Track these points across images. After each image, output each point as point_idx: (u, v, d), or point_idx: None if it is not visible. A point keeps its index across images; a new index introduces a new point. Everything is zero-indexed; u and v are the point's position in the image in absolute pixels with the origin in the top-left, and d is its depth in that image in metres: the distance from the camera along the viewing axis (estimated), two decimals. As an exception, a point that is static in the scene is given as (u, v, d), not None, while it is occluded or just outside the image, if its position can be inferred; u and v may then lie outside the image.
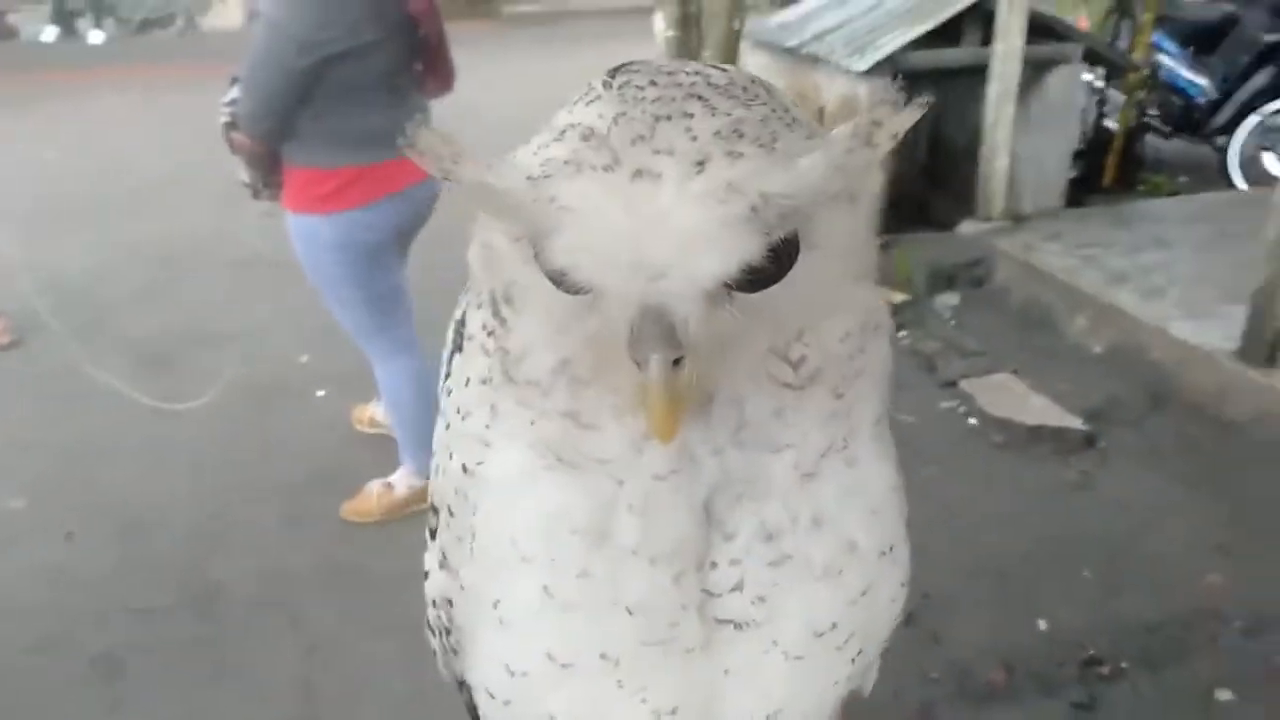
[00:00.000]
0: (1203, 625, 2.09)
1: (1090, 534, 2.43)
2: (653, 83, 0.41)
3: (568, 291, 0.41)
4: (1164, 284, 3.29)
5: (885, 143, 0.39)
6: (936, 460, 2.74)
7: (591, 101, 0.41)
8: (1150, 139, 5.25)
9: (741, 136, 0.38)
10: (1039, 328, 3.45)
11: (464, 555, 0.51)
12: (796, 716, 0.54)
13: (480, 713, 0.56)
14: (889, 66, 3.86)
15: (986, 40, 4.00)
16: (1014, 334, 3.46)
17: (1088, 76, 4.63)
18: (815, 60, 4.22)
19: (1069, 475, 2.70)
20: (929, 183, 4.54)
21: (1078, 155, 4.61)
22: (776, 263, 0.39)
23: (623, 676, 0.50)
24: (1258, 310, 2.73)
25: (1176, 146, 5.40)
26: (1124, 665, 2.00)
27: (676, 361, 0.38)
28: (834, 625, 0.50)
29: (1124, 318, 3.17)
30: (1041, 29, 3.91)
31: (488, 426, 0.49)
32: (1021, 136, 3.93)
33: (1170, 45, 5.34)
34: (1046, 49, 3.93)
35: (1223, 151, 5.15)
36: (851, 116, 0.40)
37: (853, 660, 0.52)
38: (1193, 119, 5.31)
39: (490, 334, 0.48)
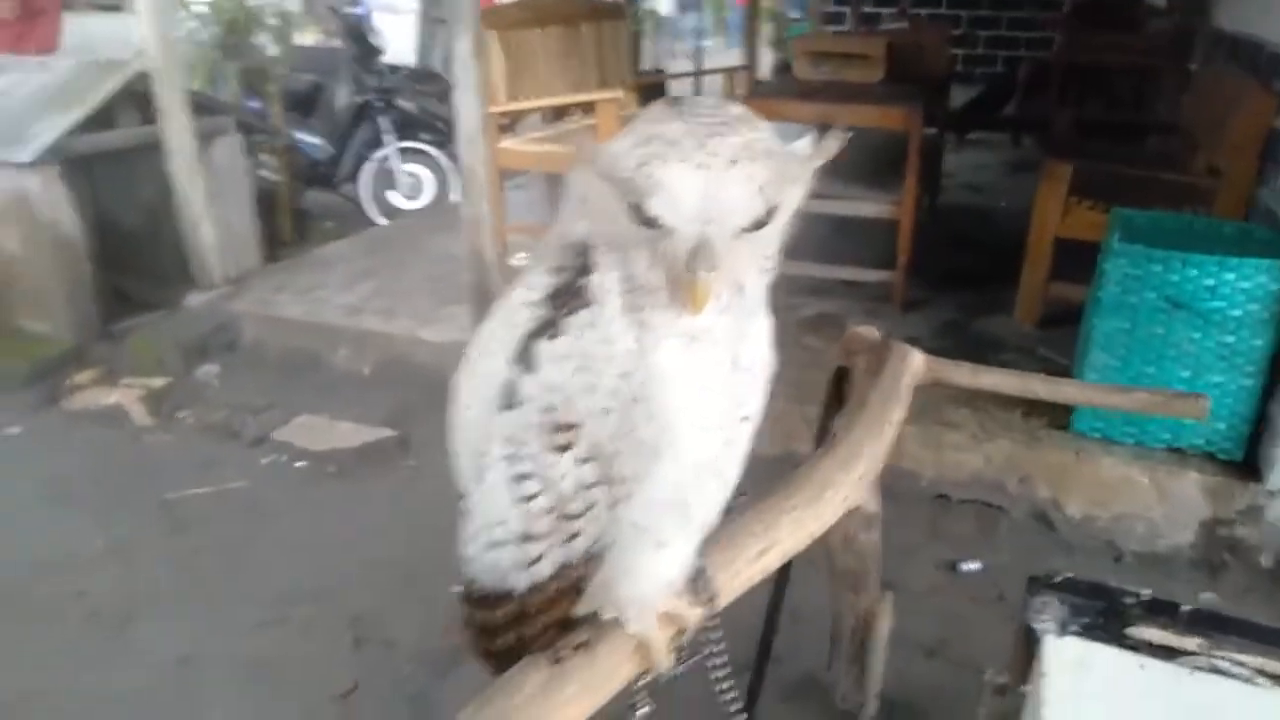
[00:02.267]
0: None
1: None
2: (702, 113, 0.66)
3: (649, 228, 0.67)
4: (392, 303, 3.90)
5: (824, 157, 0.71)
6: (279, 510, 2.91)
7: (669, 121, 0.65)
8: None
9: (752, 148, 0.66)
10: (308, 369, 3.75)
11: (631, 429, 0.70)
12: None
13: (622, 548, 0.76)
14: (53, 154, 3.65)
15: (143, 121, 4.04)
16: (289, 381, 3.69)
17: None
18: (-51, 158, 3.69)
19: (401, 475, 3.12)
20: (115, 269, 4.36)
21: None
22: (768, 217, 0.69)
23: (720, 467, 0.76)
24: (478, 305, 3.50)
25: (315, 198, 6.13)
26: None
27: (711, 270, 0.66)
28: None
29: (378, 337, 3.68)
30: (195, 105, 4.10)
31: (637, 340, 0.69)
32: (207, 206, 4.10)
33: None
34: (206, 122, 4.14)
35: (351, 197, 6.07)
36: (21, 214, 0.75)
37: None
38: (319, 173, 6.10)
39: (626, 280, 0.69)
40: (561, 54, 4.88)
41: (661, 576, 0.79)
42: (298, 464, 3.19)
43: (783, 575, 1.70)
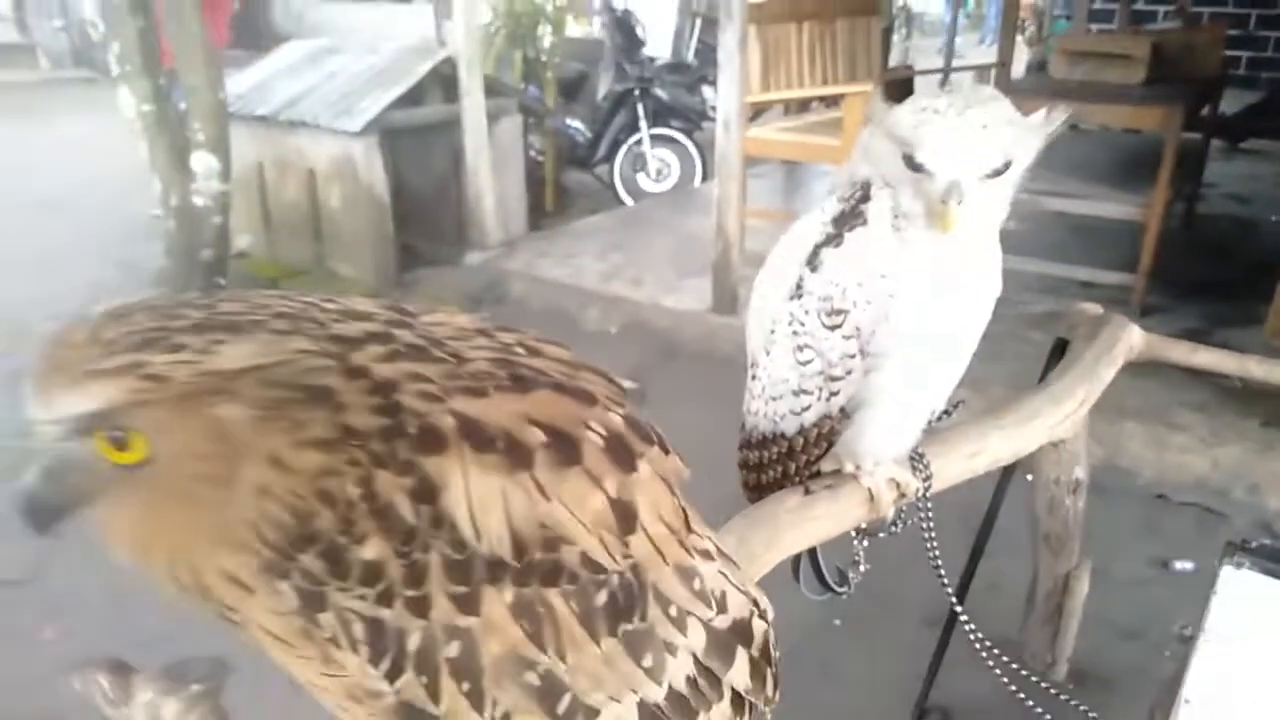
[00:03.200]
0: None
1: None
2: (961, 92, 0.93)
3: (916, 172, 0.93)
4: (640, 273, 4.30)
5: (1051, 127, 0.95)
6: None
7: (937, 97, 0.92)
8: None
9: (997, 118, 0.92)
10: (563, 324, 4.22)
11: (884, 318, 0.97)
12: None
13: (868, 409, 1.04)
14: (376, 126, 4.31)
15: (444, 100, 4.67)
16: (546, 333, 4.13)
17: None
18: (294, 125, 4.45)
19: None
20: (405, 228, 5.04)
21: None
22: (1004, 169, 0.94)
23: (948, 359, 1.02)
24: (718, 277, 3.83)
25: (571, 177, 6.70)
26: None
27: (959, 203, 0.92)
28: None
29: (625, 302, 4.09)
30: (486, 88, 4.69)
31: (899, 251, 0.96)
32: (490, 178, 4.68)
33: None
34: (493, 104, 4.72)
35: (603, 177, 6.58)
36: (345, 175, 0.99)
37: None
38: (578, 155, 6.66)
39: (894, 208, 0.96)
40: (814, 48, 5.09)
41: (895, 438, 1.05)
42: (552, 403, 3.64)
43: (988, 521, 1.90)
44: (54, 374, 0.52)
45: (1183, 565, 2.72)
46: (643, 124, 6.28)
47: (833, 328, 0.97)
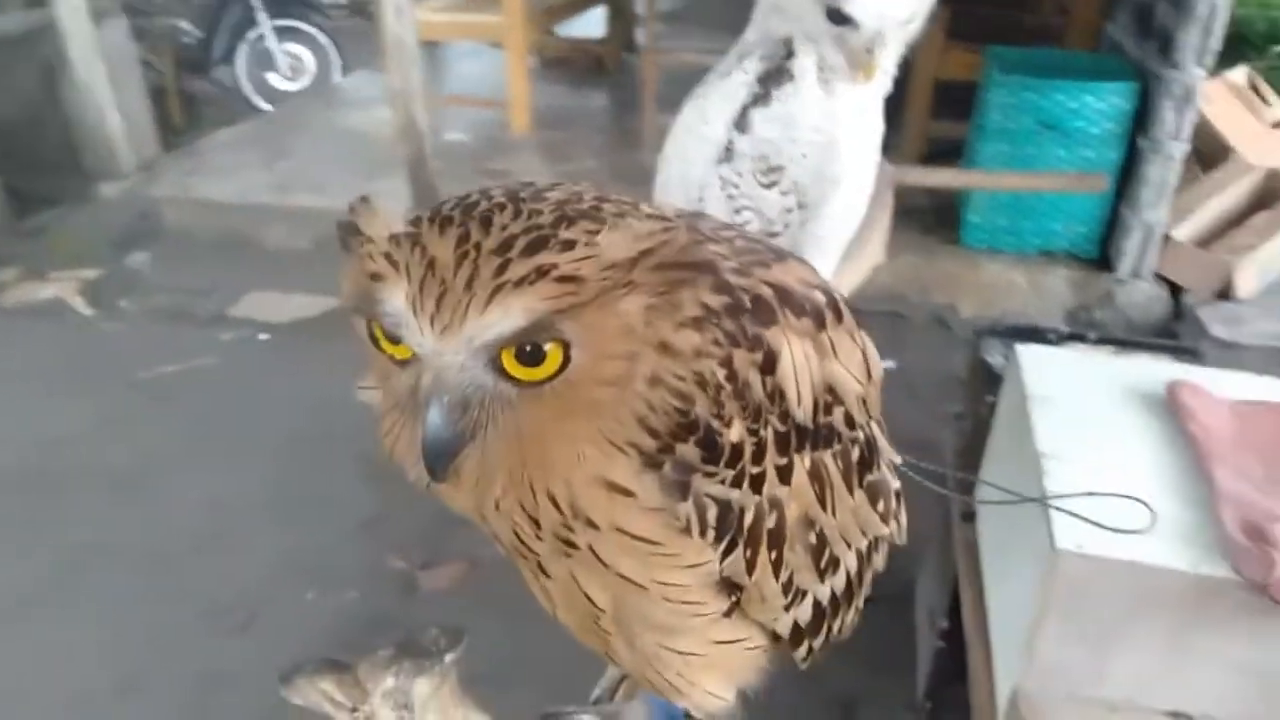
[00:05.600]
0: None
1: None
2: None
3: (839, 24, 0.96)
4: (320, 180, 3.98)
5: None
6: (255, 377, 3.09)
7: None
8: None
9: None
10: (240, 248, 3.81)
11: (820, 170, 0.99)
12: None
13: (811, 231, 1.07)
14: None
15: (25, 5, 3.87)
16: (224, 261, 3.74)
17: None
18: None
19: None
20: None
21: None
22: (915, 16, 1.00)
23: (864, 195, 1.08)
24: (415, 175, 3.64)
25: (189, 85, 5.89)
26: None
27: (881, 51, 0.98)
28: None
29: (313, 214, 3.76)
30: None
31: (826, 103, 0.98)
32: (110, 91, 4.00)
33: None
34: (94, 5, 3.98)
35: (224, 82, 5.87)
36: None
37: None
38: (189, 58, 5.85)
39: (818, 61, 0.97)
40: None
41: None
42: (262, 336, 3.32)
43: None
44: (453, 298, 0.45)
45: (887, 364, 3.15)
46: (261, 16, 5.64)
47: (770, 185, 1.00)
